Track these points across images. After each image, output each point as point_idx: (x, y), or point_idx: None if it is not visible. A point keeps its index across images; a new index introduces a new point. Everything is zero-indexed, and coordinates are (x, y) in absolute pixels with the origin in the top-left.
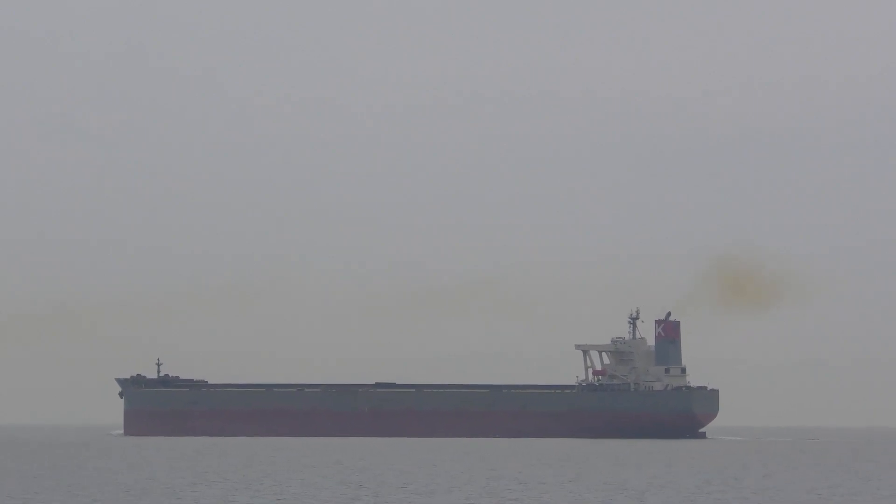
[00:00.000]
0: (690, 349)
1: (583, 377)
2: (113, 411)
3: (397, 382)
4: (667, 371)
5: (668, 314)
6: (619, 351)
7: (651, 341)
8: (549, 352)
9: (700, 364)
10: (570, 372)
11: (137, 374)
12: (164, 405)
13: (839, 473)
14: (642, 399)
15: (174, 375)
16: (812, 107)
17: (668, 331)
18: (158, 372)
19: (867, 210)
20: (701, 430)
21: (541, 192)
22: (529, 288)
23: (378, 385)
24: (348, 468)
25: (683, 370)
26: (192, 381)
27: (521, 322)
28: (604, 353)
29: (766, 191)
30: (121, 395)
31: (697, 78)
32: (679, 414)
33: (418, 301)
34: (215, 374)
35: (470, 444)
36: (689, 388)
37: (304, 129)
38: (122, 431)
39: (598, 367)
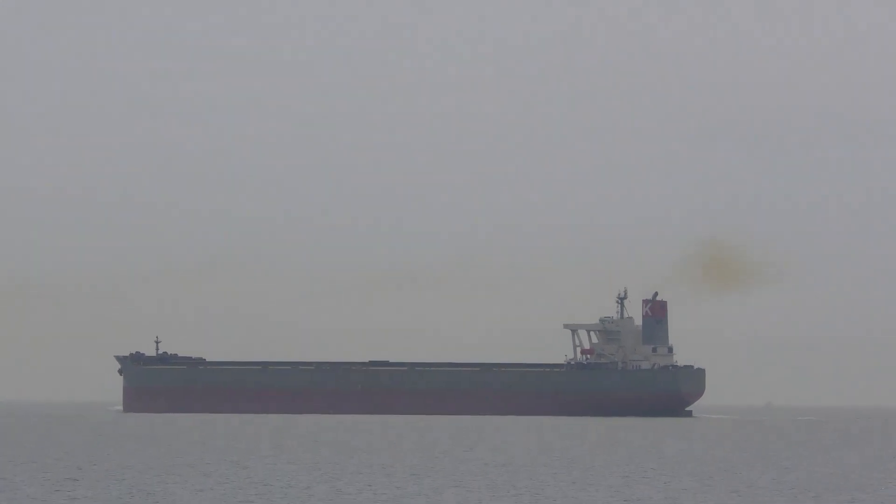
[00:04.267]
0: (677, 328)
1: (571, 356)
2: (112, 388)
3: (390, 361)
4: (654, 350)
5: (655, 294)
6: (607, 330)
7: (638, 321)
8: (537, 331)
9: (687, 343)
10: (558, 351)
11: (136, 352)
12: (163, 382)
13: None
14: (629, 378)
15: (172, 353)
16: (795, 94)
17: (656, 310)
18: (157, 349)
19: (850, 193)
20: (687, 408)
21: (528, 171)
22: (518, 268)
23: (371, 363)
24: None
25: (670, 349)
26: (190, 358)
27: (510, 301)
28: (592, 333)
29: (749, 173)
30: (120, 372)
31: (686, 61)
32: (666, 393)
33: (408, 279)
34: (213, 352)
35: (463, 422)
36: (675, 367)
37: (302, 117)
38: (121, 408)
39: (587, 346)
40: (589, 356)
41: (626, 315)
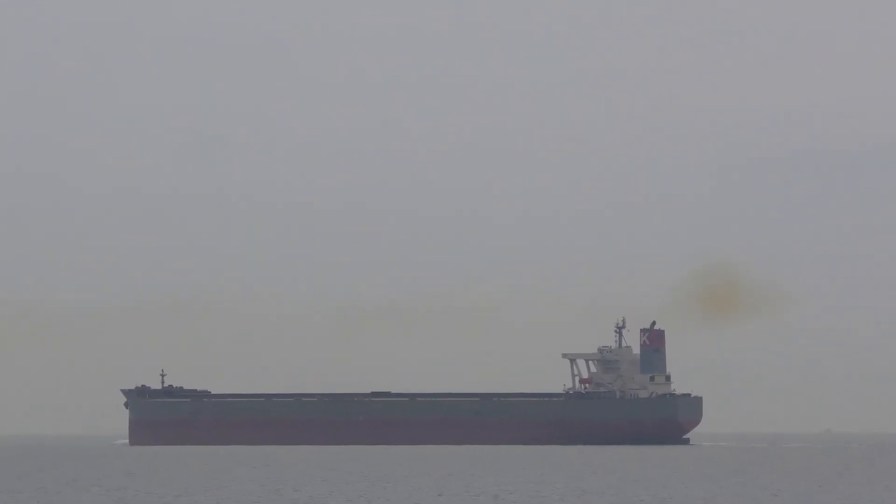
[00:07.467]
0: (675, 357)
1: (570, 385)
2: (119, 421)
3: (392, 392)
4: (652, 379)
5: (653, 323)
6: (605, 359)
7: (636, 350)
8: (536, 360)
9: (684, 372)
10: (557, 380)
11: (142, 385)
12: (168, 415)
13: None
14: (628, 406)
15: (178, 386)
16: (795, 123)
17: (653, 339)
18: (162, 383)
19: (848, 219)
20: (685, 436)
21: (526, 202)
22: (517, 298)
23: (373, 394)
24: None
25: (668, 378)
26: (195, 391)
27: (509, 331)
28: (590, 362)
29: (748, 200)
30: (126, 405)
31: (686, 90)
32: (664, 421)
33: (407, 310)
34: (217, 385)
35: (463, 452)
36: (673, 395)
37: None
38: (127, 441)
39: (585, 376)
40: (587, 385)
41: (624, 344)
